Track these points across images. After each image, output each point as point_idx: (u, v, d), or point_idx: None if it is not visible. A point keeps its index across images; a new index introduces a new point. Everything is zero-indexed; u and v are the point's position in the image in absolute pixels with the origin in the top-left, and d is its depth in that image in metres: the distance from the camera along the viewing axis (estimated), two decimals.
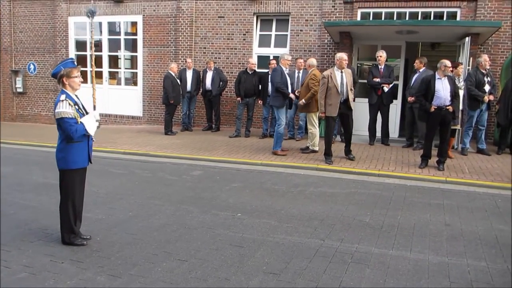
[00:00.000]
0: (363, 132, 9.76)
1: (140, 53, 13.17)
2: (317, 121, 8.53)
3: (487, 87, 8.45)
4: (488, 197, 5.99)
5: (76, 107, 3.99)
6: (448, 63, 7.13)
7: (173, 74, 10.79)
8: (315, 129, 8.53)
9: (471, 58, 9.11)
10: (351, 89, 7.80)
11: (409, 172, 7.09)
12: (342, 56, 7.74)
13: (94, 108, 4.26)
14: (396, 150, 8.76)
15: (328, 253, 4.04)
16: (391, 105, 9.49)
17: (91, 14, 4.70)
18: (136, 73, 13.42)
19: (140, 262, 3.81)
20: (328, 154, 7.76)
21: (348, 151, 7.95)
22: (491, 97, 8.60)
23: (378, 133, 9.50)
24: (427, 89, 7.20)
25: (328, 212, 5.21)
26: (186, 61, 11.47)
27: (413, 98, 8.34)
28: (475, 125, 8.69)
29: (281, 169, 7.39)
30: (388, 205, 5.52)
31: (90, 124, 4.03)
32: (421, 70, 8.82)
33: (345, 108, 7.74)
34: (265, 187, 6.31)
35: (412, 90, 8.66)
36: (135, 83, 13.56)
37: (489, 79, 8.53)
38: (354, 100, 7.93)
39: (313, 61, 8.80)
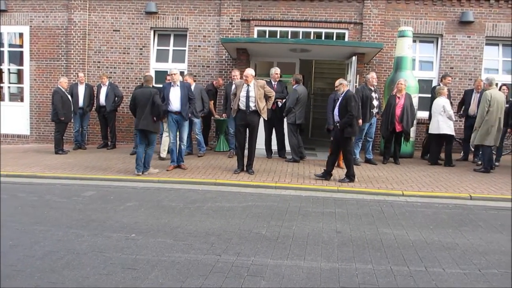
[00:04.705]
0: (259, 145, 9.99)
1: (27, 67, 12.28)
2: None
3: (375, 102, 9.14)
4: (375, 204, 6.43)
5: None
6: (336, 83, 7.62)
7: (63, 89, 10.13)
8: (166, 136, 9.11)
9: (357, 76, 9.81)
10: (267, 100, 8.04)
11: (304, 183, 7.38)
12: (245, 71, 8.03)
13: None
14: (293, 163, 9.07)
15: (224, 268, 4.00)
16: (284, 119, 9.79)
17: None
18: (23, 88, 12.43)
19: None
20: (238, 163, 8.11)
21: (249, 165, 8.07)
22: (378, 116, 9.37)
23: (274, 147, 9.79)
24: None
25: (225, 226, 5.20)
26: (77, 76, 10.89)
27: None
28: (364, 136, 9.34)
29: (179, 186, 7.25)
30: (284, 216, 5.66)
31: None
32: (294, 87, 9.27)
33: (251, 119, 7.91)
34: (162, 205, 6.13)
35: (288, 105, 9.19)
36: (21, 99, 12.54)
37: (376, 95, 9.24)
38: (266, 110, 8.14)
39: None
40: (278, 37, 11.50)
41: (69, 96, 10.26)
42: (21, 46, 12.39)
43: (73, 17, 11.86)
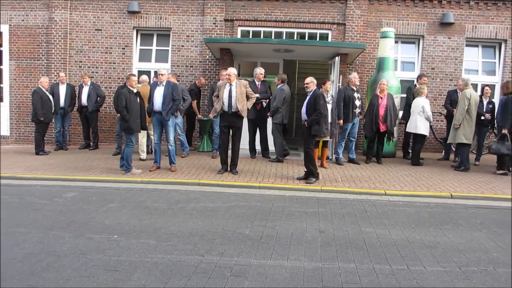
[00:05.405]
0: (244, 145, 9.96)
1: (6, 66, 12.05)
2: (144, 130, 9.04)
3: (357, 102, 9.20)
4: (358, 203, 6.48)
5: None
6: (307, 80, 7.66)
7: (43, 89, 9.97)
8: (141, 136, 9.16)
9: (341, 76, 9.88)
10: (249, 100, 8.06)
11: (288, 183, 7.40)
12: (228, 70, 8.03)
13: None
14: (277, 163, 9.09)
15: (207, 269, 3.99)
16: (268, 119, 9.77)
17: None
18: (2, 87, 12.20)
19: None
20: (222, 163, 8.10)
21: (232, 165, 8.06)
22: (361, 116, 9.46)
23: (258, 147, 9.80)
24: None
25: (208, 227, 5.18)
26: (59, 75, 10.74)
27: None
28: (347, 136, 9.40)
29: (162, 186, 7.20)
30: (268, 216, 5.66)
31: None
32: (278, 86, 9.29)
33: (234, 121, 7.92)
34: (145, 206, 6.08)
35: (271, 105, 9.22)
36: (1, 99, 12.29)
37: (359, 95, 9.31)
38: (247, 109, 8.16)
39: (143, 77, 9.65)
40: (261, 37, 11.51)
41: (50, 96, 10.10)
42: (0, 45, 12.15)
43: (54, 16, 11.69)
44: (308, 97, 7.57)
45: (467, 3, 11.22)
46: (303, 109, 7.64)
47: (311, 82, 7.60)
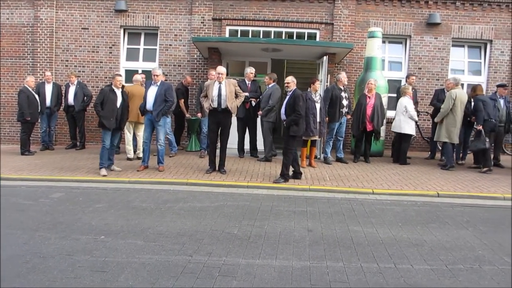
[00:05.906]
0: (232, 145, 9.96)
1: None
2: (131, 130, 9.18)
3: (345, 102, 9.24)
4: (346, 202, 6.50)
5: None
6: (287, 79, 7.68)
7: (30, 89, 9.84)
8: (129, 135, 9.23)
9: (328, 75, 9.91)
10: (237, 98, 8.05)
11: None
12: (219, 69, 7.99)
13: None
14: (265, 163, 9.09)
15: (195, 269, 3.97)
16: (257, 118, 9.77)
17: None
18: None
19: None
20: (210, 163, 8.07)
21: (221, 165, 8.04)
22: (348, 116, 9.50)
23: (246, 146, 9.80)
24: None
25: (196, 227, 5.16)
26: (44, 75, 10.62)
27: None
28: (335, 136, 9.43)
29: (149, 186, 7.16)
30: (256, 216, 5.66)
31: None
32: (269, 86, 9.28)
33: (223, 118, 7.90)
34: (132, 206, 6.03)
35: (262, 104, 9.24)
36: None
37: (346, 94, 9.34)
38: (236, 109, 8.17)
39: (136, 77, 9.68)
40: (250, 36, 11.50)
41: (36, 96, 9.98)
42: None
43: (39, 14, 11.55)
44: (287, 97, 7.55)
45: (453, 4, 11.34)
46: (282, 109, 7.64)
47: (291, 82, 7.60)
